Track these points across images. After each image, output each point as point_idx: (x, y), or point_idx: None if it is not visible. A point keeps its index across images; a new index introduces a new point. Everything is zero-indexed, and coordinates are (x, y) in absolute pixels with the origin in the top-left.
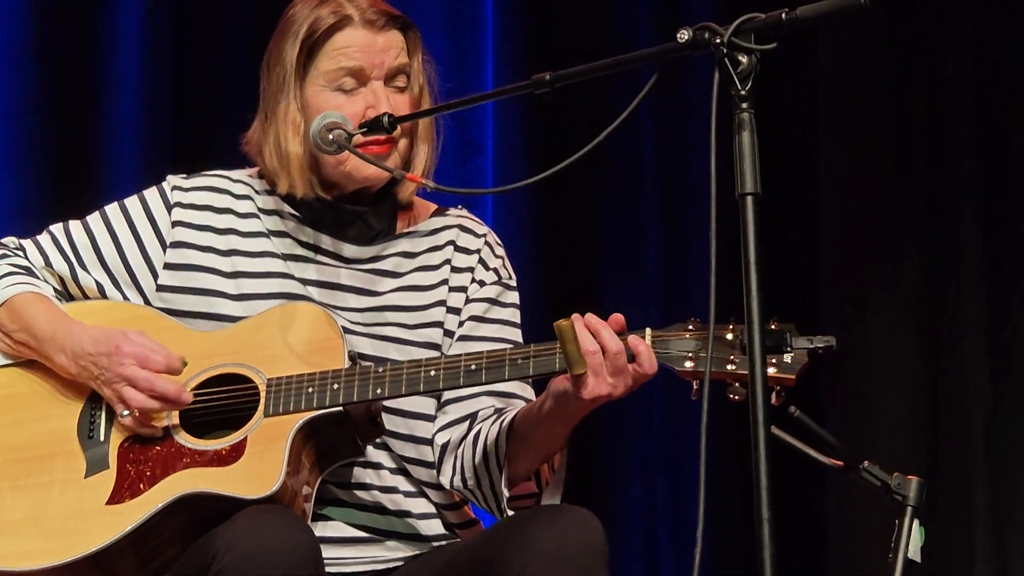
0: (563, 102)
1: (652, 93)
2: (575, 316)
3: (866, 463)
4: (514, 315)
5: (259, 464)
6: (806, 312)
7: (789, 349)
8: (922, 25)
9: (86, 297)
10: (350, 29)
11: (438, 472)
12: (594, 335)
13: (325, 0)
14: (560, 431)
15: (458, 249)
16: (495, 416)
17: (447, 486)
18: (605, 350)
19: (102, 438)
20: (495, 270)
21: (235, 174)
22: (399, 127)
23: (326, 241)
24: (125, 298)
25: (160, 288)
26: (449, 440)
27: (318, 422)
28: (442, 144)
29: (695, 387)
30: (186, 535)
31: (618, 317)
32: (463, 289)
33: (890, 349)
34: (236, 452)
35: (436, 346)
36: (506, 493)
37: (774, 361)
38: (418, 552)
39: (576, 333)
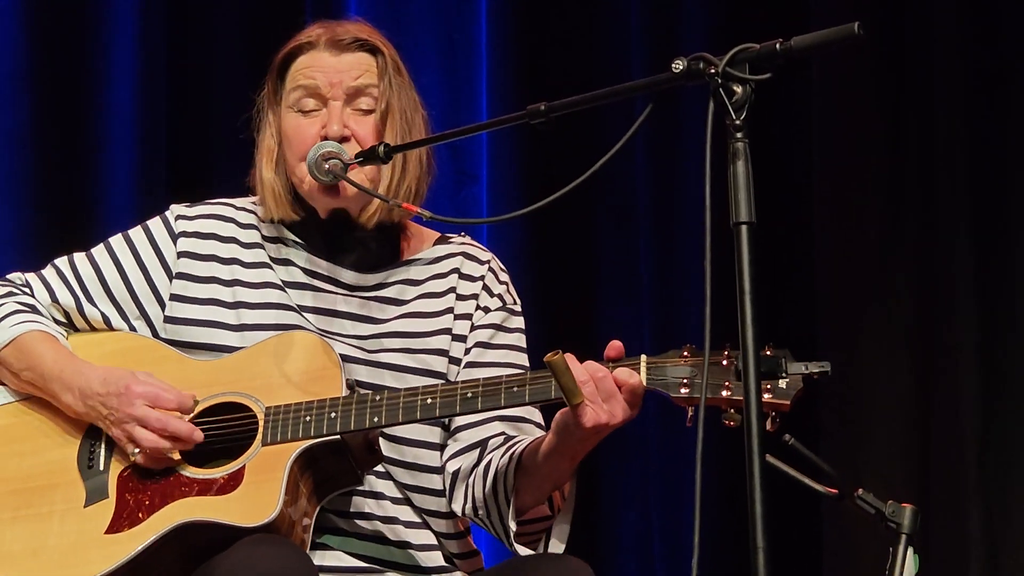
0: (557, 130)
1: (646, 122)
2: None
3: (860, 491)
4: (520, 340)
5: (257, 493)
6: (801, 338)
7: (784, 375)
8: (914, 52)
9: (92, 329)
10: (313, 51)
11: (449, 500)
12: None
13: (315, 27)
14: (566, 465)
15: (462, 277)
16: (504, 446)
17: (459, 513)
18: (591, 375)
19: (102, 467)
20: (499, 296)
21: (239, 202)
22: (387, 162)
23: (328, 268)
24: (132, 329)
25: (167, 319)
26: (460, 468)
27: (316, 451)
28: (434, 171)
29: (690, 413)
30: (184, 564)
31: (616, 344)
32: (468, 316)
33: (884, 375)
34: (234, 481)
35: (440, 375)
36: (513, 527)
37: (769, 387)
38: None
39: (568, 364)
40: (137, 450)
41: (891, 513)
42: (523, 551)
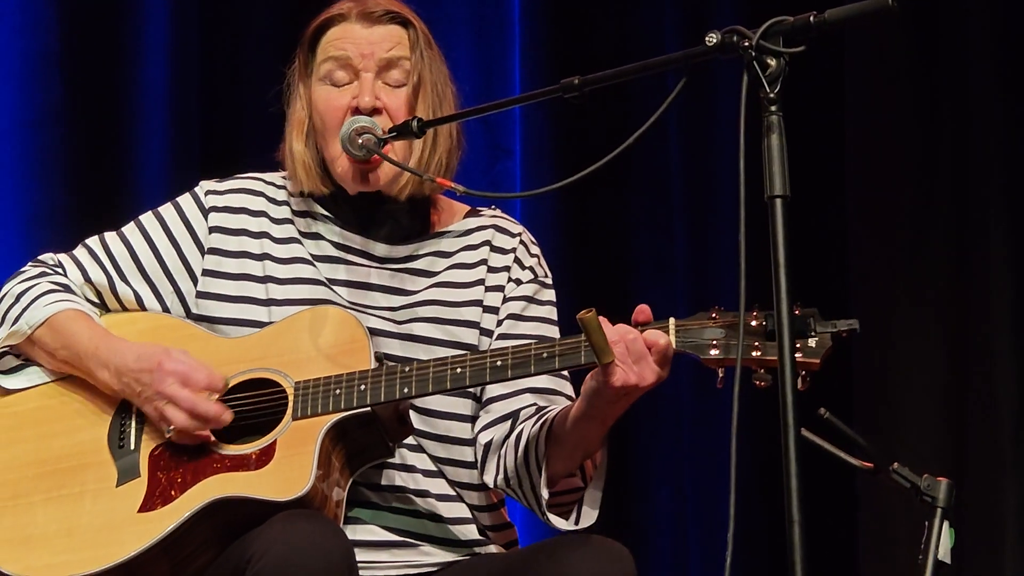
0: (590, 104)
1: (680, 96)
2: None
3: (896, 465)
4: (551, 312)
5: (289, 467)
6: (834, 311)
7: (813, 333)
8: (948, 24)
9: (124, 309)
10: (345, 24)
11: (481, 471)
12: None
13: (346, 1)
14: (596, 431)
15: (494, 249)
16: (536, 416)
17: (491, 485)
18: (622, 338)
19: (132, 446)
20: (531, 268)
21: (269, 176)
22: (420, 136)
23: (358, 241)
24: (165, 307)
25: (199, 294)
26: (492, 439)
27: (346, 424)
28: (464, 145)
29: (720, 375)
30: (218, 541)
31: (644, 308)
32: (500, 288)
33: (918, 349)
34: (266, 456)
35: (470, 346)
36: (545, 495)
37: (798, 346)
38: (452, 557)
39: (600, 323)
40: (171, 427)
41: (927, 487)
42: (555, 520)
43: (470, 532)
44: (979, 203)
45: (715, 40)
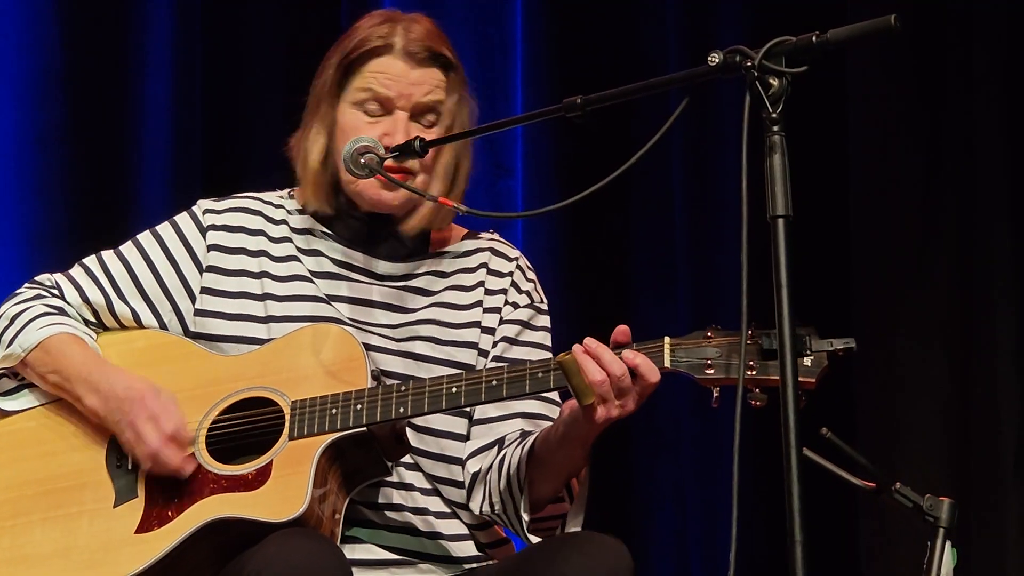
0: (592, 124)
1: (682, 115)
2: (576, 348)
3: (898, 484)
4: (545, 338)
5: (285, 487)
6: (836, 329)
7: (809, 352)
8: (952, 43)
9: (122, 327)
10: (389, 57)
11: (468, 498)
12: (596, 360)
13: (385, 23)
14: (577, 452)
15: (490, 272)
16: (519, 440)
17: (476, 512)
18: (609, 375)
19: (130, 467)
20: (527, 293)
21: (267, 196)
22: (422, 156)
23: (358, 258)
24: (162, 325)
25: (197, 312)
26: (480, 468)
27: (343, 443)
28: (469, 170)
29: (715, 394)
30: (215, 561)
31: (623, 328)
32: (497, 310)
33: (921, 367)
34: (262, 476)
35: (469, 366)
36: (526, 518)
37: None
38: (450, 575)
39: (580, 365)
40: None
41: (929, 507)
42: (538, 541)
43: (468, 549)
44: (983, 220)
45: (717, 60)
